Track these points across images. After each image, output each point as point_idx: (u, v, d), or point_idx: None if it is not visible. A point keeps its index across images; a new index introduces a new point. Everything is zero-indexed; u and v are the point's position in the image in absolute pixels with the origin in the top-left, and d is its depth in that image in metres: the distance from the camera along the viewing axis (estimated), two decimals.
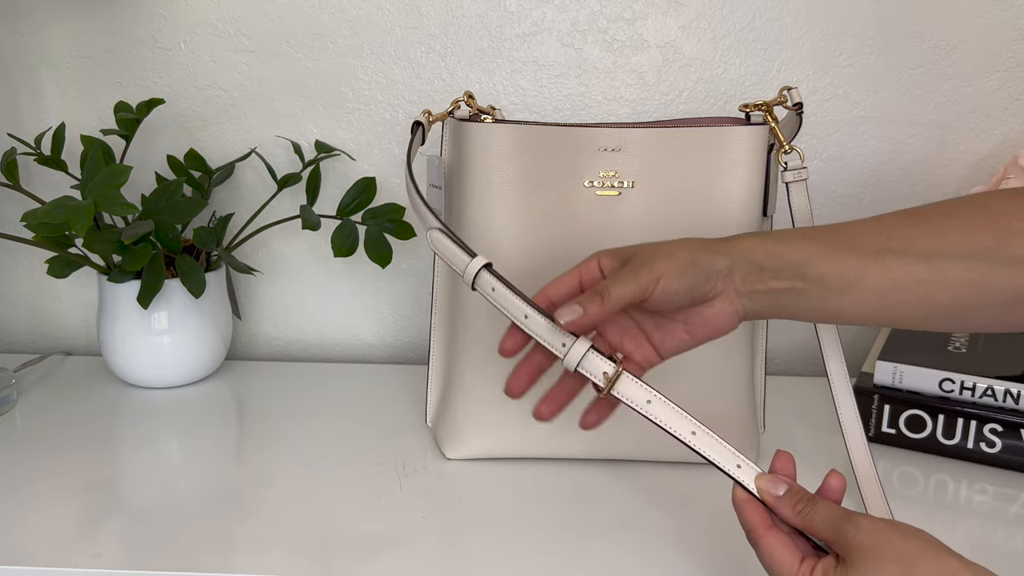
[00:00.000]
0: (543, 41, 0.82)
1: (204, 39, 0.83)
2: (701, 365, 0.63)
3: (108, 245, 0.71)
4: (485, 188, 0.62)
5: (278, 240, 0.88)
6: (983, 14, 0.80)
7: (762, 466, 0.55)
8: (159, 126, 0.85)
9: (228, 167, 0.82)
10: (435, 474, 0.65)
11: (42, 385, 0.81)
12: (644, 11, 0.81)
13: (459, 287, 0.66)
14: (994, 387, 0.66)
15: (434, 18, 0.82)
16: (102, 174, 0.67)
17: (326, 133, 0.85)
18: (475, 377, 0.65)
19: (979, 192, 0.55)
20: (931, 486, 0.64)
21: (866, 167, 0.84)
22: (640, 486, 0.63)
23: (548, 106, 0.84)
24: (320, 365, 0.87)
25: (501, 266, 0.62)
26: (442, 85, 0.83)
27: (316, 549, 0.55)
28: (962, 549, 0.56)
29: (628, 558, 0.54)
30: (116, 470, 0.65)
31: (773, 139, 0.63)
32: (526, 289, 0.52)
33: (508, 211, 0.62)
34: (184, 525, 0.57)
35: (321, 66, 0.83)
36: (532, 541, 0.56)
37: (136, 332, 0.77)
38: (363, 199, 0.80)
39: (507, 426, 0.65)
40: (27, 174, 0.85)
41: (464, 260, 0.52)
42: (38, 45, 0.84)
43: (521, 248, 0.63)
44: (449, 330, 0.68)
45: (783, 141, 0.62)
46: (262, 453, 0.68)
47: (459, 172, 0.64)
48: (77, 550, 0.54)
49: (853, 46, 0.81)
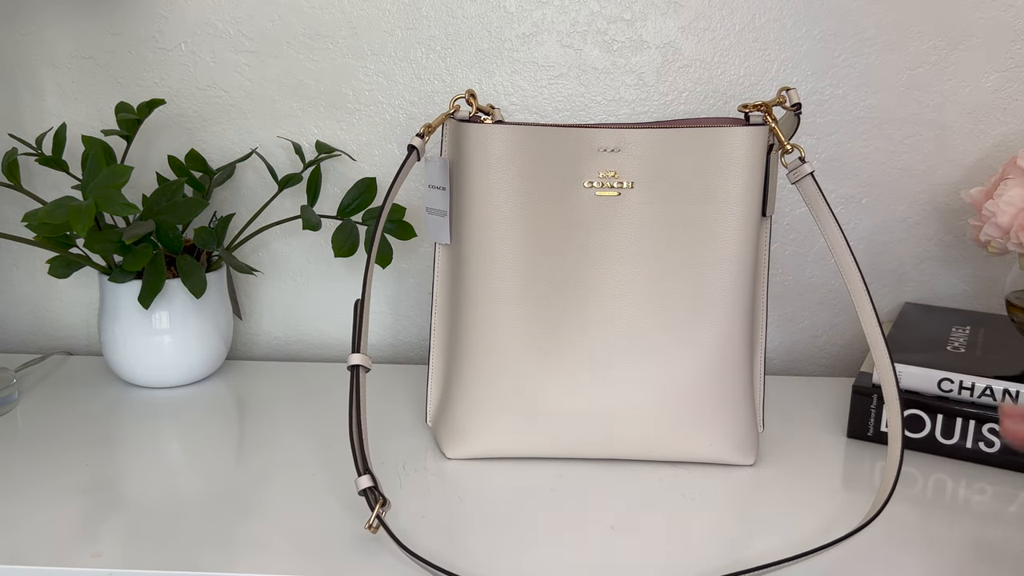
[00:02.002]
0: (543, 42, 0.82)
1: (205, 40, 0.83)
2: (701, 365, 0.64)
3: (109, 245, 0.72)
4: (485, 189, 0.63)
5: (279, 240, 0.88)
6: (983, 14, 0.80)
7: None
8: (160, 126, 0.86)
9: (229, 167, 0.82)
10: (435, 474, 0.65)
11: (43, 385, 0.81)
12: (644, 12, 0.81)
13: (459, 287, 0.66)
14: (993, 387, 0.66)
15: (434, 19, 0.82)
16: (103, 174, 0.67)
17: (327, 134, 0.85)
18: (475, 377, 0.65)
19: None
20: (930, 486, 0.64)
21: (866, 167, 0.84)
22: (640, 486, 0.63)
23: (548, 107, 0.84)
24: (320, 365, 0.87)
25: (501, 267, 0.63)
26: (442, 86, 0.84)
27: (316, 549, 0.55)
28: (961, 549, 0.56)
29: (628, 558, 0.54)
30: (117, 470, 0.65)
31: (773, 139, 0.63)
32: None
33: (508, 211, 0.63)
34: (184, 525, 0.58)
35: (322, 67, 0.84)
36: (532, 541, 0.56)
37: (137, 332, 0.77)
38: (363, 199, 0.80)
39: (507, 426, 0.65)
40: (28, 174, 0.86)
41: None
42: (39, 45, 0.84)
43: (521, 248, 0.63)
44: (449, 330, 0.68)
45: (783, 141, 0.62)
46: (262, 453, 0.68)
47: (459, 172, 0.65)
48: (77, 550, 0.54)
49: (853, 46, 0.81)
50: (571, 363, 0.64)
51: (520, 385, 0.64)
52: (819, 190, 0.62)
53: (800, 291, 0.88)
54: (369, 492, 0.55)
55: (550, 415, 0.64)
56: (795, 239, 0.86)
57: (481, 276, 0.64)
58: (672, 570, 0.53)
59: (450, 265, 0.68)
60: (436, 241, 0.68)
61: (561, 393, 0.64)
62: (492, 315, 0.64)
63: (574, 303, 0.64)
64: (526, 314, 0.63)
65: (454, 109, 0.65)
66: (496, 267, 0.63)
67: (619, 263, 0.63)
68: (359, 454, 0.56)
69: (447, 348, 0.69)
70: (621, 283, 0.64)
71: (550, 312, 0.64)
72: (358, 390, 0.57)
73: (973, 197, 0.74)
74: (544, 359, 0.64)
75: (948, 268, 0.86)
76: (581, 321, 0.64)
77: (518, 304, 0.63)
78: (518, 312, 0.63)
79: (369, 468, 0.56)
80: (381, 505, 0.54)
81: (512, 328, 0.64)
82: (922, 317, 0.81)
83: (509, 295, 0.63)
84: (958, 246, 0.86)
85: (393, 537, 0.53)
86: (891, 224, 0.86)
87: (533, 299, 0.63)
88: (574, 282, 0.64)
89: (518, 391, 0.64)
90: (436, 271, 0.69)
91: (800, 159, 0.62)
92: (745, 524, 0.59)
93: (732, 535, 0.57)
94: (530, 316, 0.63)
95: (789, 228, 0.86)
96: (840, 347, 0.89)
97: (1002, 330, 0.77)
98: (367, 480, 0.55)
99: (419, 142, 0.64)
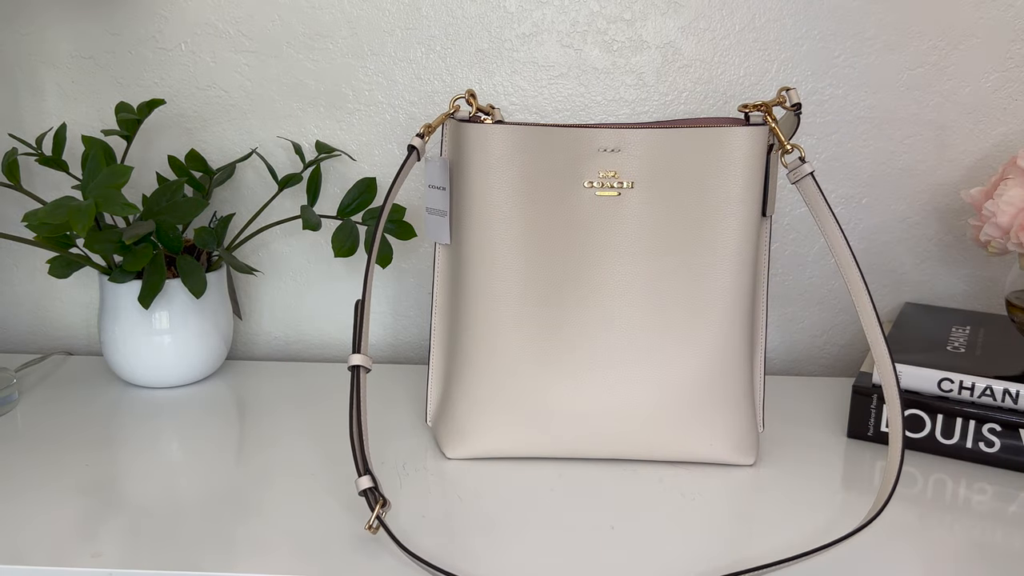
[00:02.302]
0: (543, 42, 0.82)
1: (205, 40, 0.83)
2: (701, 365, 0.64)
3: (109, 245, 0.72)
4: (485, 189, 0.63)
5: (279, 240, 0.88)
6: (983, 14, 0.80)
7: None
8: (160, 126, 0.86)
9: (229, 167, 0.82)
10: (435, 474, 0.65)
11: (43, 385, 0.81)
12: (644, 12, 0.81)
13: (459, 287, 0.66)
14: (993, 387, 0.66)
15: (434, 19, 0.82)
16: (103, 174, 0.67)
17: (327, 134, 0.85)
18: (475, 377, 0.65)
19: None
20: (930, 486, 0.64)
21: (866, 167, 0.84)
22: (640, 486, 0.63)
23: (548, 107, 0.84)
24: (320, 365, 0.87)
25: (502, 267, 0.63)
26: (442, 86, 0.84)
27: (316, 549, 0.55)
28: (961, 549, 0.56)
29: (628, 558, 0.54)
30: (117, 470, 0.65)
31: (773, 139, 0.63)
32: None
33: (508, 211, 0.63)
34: (184, 525, 0.58)
35: (321, 67, 0.84)
36: (532, 541, 0.56)
37: (137, 332, 0.77)
38: (364, 199, 0.80)
39: (507, 426, 0.65)
40: (28, 174, 0.86)
41: None
42: (39, 45, 0.84)
43: (521, 248, 0.63)
44: (449, 330, 0.68)
45: (783, 141, 0.62)
46: (262, 453, 0.68)
47: (459, 172, 0.65)
48: (77, 550, 0.54)
49: (853, 46, 0.81)
50: (571, 363, 0.64)
51: (520, 385, 0.64)
52: (819, 190, 0.62)
53: (800, 291, 0.88)
54: (369, 493, 0.55)
55: (550, 415, 0.64)
56: (795, 239, 0.86)
57: (481, 276, 0.64)
58: (672, 570, 0.53)
59: (450, 265, 0.68)
60: (436, 241, 0.68)
61: (561, 393, 0.64)
62: (492, 315, 0.64)
63: (574, 303, 0.64)
64: (526, 314, 0.63)
65: (454, 109, 0.65)
66: (496, 267, 0.63)
67: (619, 263, 0.63)
68: (359, 454, 0.56)
69: (447, 348, 0.69)
70: (621, 283, 0.64)
71: (550, 312, 0.64)
72: (358, 391, 0.57)
73: (973, 197, 0.74)
74: (544, 359, 0.64)
75: (948, 268, 0.86)
76: (581, 321, 0.64)
77: (518, 304, 0.63)
78: (518, 312, 0.63)
79: (369, 468, 0.56)
80: (381, 506, 0.54)
81: (512, 328, 0.64)
82: (922, 317, 0.81)
83: (509, 295, 0.63)
84: (958, 246, 0.86)
85: (393, 538, 0.53)
86: (891, 224, 0.86)
87: (533, 299, 0.63)
88: (574, 282, 0.64)
89: (518, 391, 0.64)
90: (436, 271, 0.69)
91: (800, 159, 0.62)
92: (745, 524, 0.59)
93: (732, 535, 0.57)
94: (530, 316, 0.63)
95: (789, 228, 0.86)
96: (840, 347, 0.89)
97: (1002, 330, 0.77)
98: (367, 480, 0.55)
99: (419, 142, 0.64)
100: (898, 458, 0.58)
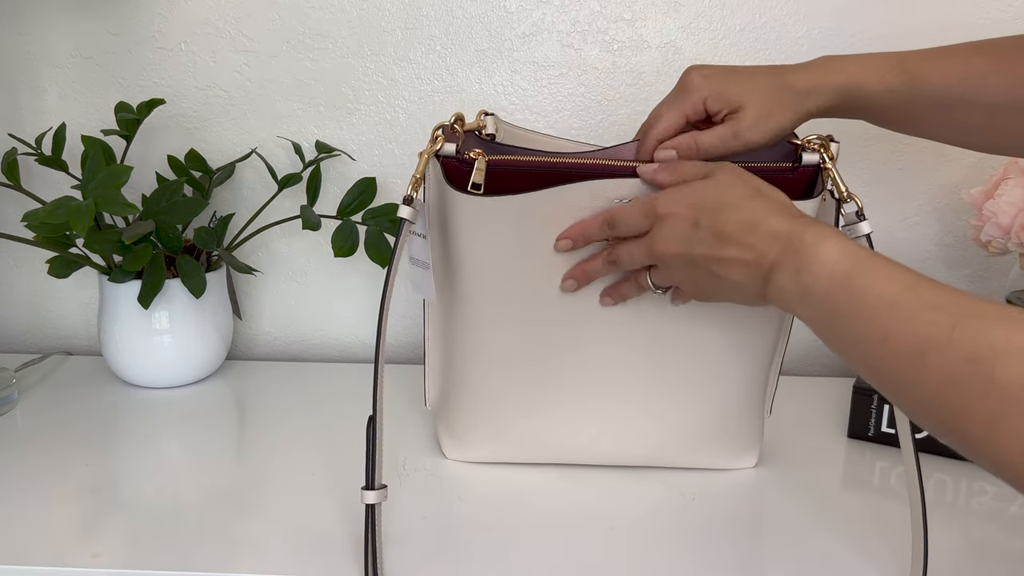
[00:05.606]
0: (543, 41, 0.82)
1: (205, 39, 0.83)
2: (703, 412, 0.62)
3: (109, 245, 0.72)
4: (475, 257, 0.58)
5: (278, 240, 0.88)
6: (983, 14, 0.80)
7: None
8: (160, 126, 0.85)
9: (229, 167, 0.82)
10: (435, 474, 0.65)
11: (43, 385, 0.81)
12: (644, 12, 0.81)
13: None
14: None
15: (434, 18, 0.82)
16: (103, 174, 0.67)
17: (326, 133, 0.85)
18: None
19: None
20: (931, 486, 0.64)
21: (866, 167, 0.84)
22: (640, 486, 0.63)
23: (548, 106, 0.84)
24: (320, 365, 0.87)
25: (495, 322, 0.62)
26: (442, 85, 0.84)
27: (316, 549, 0.55)
28: (961, 549, 0.56)
29: (628, 558, 0.54)
30: (117, 470, 0.65)
31: (824, 185, 0.55)
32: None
33: (500, 274, 0.59)
34: (184, 525, 0.57)
35: (321, 66, 0.84)
36: (532, 541, 0.56)
37: (137, 332, 0.77)
38: (363, 199, 0.80)
39: (508, 432, 0.64)
40: (28, 174, 0.86)
41: None
42: (39, 45, 0.84)
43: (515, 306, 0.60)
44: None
45: (844, 189, 0.54)
46: (262, 453, 0.68)
47: (445, 228, 0.59)
48: (77, 550, 0.54)
49: (853, 46, 0.81)
50: (566, 404, 0.62)
51: (516, 412, 0.63)
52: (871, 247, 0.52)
53: None
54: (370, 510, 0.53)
55: (548, 441, 0.64)
56: None
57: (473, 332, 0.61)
58: (672, 570, 0.53)
59: (444, 317, 0.65)
60: (422, 297, 0.63)
61: (564, 423, 0.63)
62: (492, 317, 0.63)
63: (570, 352, 0.60)
64: (522, 336, 0.61)
65: (438, 146, 0.57)
66: (489, 324, 0.61)
67: (622, 316, 0.59)
68: (372, 466, 0.53)
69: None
70: (622, 334, 0.60)
71: (549, 338, 0.60)
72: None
73: (973, 197, 0.74)
74: (544, 391, 0.62)
75: (948, 268, 0.86)
76: (580, 364, 0.61)
77: (513, 325, 0.61)
78: (512, 334, 0.61)
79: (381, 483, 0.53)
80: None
81: (507, 352, 0.61)
82: None
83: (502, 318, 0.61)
84: (958, 246, 0.86)
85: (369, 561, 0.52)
86: (891, 224, 0.86)
87: (529, 321, 0.60)
88: (572, 333, 0.60)
89: (515, 419, 0.63)
90: (427, 323, 0.65)
91: (857, 214, 0.53)
92: (745, 524, 0.59)
93: (732, 535, 0.57)
94: (527, 338, 0.61)
95: None
96: None
97: None
98: (374, 496, 0.52)
99: (408, 211, 0.55)
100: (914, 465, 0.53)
